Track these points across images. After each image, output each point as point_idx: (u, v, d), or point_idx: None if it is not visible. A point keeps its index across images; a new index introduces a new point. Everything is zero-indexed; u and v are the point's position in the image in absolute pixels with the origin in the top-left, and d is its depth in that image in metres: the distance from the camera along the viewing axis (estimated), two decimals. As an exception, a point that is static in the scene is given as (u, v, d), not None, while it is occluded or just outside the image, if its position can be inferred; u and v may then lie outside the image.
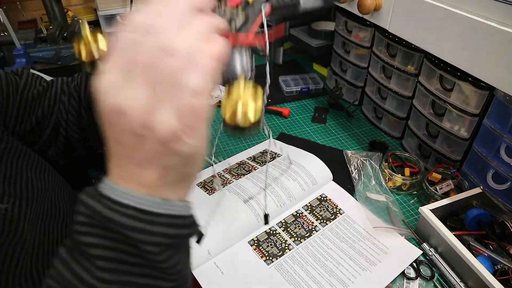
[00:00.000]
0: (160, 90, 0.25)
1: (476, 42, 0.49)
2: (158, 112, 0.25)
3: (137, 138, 0.26)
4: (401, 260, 0.63)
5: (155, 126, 0.25)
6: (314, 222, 0.69)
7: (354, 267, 0.62)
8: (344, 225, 0.69)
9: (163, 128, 0.25)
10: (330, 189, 0.77)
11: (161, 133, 0.25)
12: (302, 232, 0.68)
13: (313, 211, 0.72)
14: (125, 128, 0.26)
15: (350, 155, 0.85)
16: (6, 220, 0.42)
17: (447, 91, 0.73)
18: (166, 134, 0.25)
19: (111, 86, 0.26)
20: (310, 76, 1.19)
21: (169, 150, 0.26)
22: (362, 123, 1.01)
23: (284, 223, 0.69)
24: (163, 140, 0.25)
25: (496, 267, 0.58)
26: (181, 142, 0.26)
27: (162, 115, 0.25)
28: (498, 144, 0.65)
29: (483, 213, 0.63)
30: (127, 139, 0.26)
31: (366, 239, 0.66)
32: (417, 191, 0.78)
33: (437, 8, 0.54)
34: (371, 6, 0.65)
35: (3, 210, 0.42)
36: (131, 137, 0.26)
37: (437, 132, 0.79)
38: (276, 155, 0.84)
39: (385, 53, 0.89)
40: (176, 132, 0.25)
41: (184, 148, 0.26)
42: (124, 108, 0.25)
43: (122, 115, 0.25)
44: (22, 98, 0.55)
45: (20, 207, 0.44)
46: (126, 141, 0.26)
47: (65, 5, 1.22)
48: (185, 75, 0.25)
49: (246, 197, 0.69)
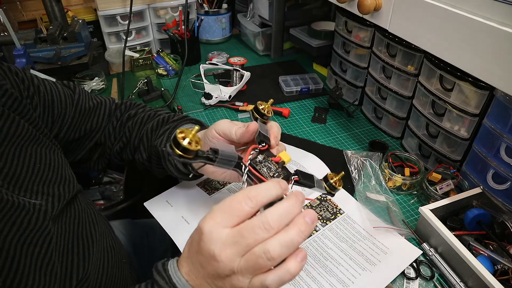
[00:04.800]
0: (249, 268, 0.34)
1: (476, 42, 0.49)
2: (240, 276, 0.35)
3: (216, 276, 0.36)
4: (401, 260, 0.63)
5: (232, 281, 0.35)
6: None
7: (354, 267, 0.62)
8: (344, 225, 0.69)
9: (238, 285, 0.35)
10: None
11: (235, 286, 0.35)
12: None
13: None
14: (211, 265, 0.35)
15: (350, 155, 0.85)
16: (40, 214, 0.46)
17: (447, 91, 0.73)
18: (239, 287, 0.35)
19: (219, 236, 0.35)
20: (310, 76, 1.19)
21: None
22: (362, 123, 1.01)
23: None
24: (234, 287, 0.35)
25: (496, 267, 0.58)
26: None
27: (240, 280, 0.35)
28: (498, 144, 0.65)
29: (483, 213, 0.63)
30: (208, 270, 0.36)
31: (366, 239, 0.66)
32: (417, 191, 0.78)
33: (437, 8, 0.54)
34: (371, 6, 0.65)
35: (38, 205, 0.46)
36: (211, 272, 0.36)
37: (437, 132, 0.79)
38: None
39: (385, 53, 0.89)
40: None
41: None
42: (219, 259, 0.34)
43: (214, 261, 0.35)
44: (77, 109, 0.62)
45: (52, 204, 0.49)
46: (207, 270, 0.36)
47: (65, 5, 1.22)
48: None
49: None
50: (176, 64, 1.23)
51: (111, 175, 1.35)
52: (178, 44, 1.25)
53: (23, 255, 0.42)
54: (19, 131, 0.49)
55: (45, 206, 0.47)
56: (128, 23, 1.15)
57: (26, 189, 0.46)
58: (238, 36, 1.53)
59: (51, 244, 0.46)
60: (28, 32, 1.16)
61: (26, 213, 0.44)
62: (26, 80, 0.54)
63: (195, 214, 0.67)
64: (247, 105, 1.05)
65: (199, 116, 1.03)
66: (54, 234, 0.47)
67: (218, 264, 0.34)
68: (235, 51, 1.42)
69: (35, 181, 0.48)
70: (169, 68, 1.22)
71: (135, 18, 1.26)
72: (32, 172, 0.48)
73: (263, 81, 1.21)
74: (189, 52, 1.20)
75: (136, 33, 1.30)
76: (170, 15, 1.26)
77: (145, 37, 1.32)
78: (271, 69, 1.29)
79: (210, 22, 1.42)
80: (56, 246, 0.47)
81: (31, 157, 0.49)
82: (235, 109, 1.05)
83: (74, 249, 0.50)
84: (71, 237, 0.51)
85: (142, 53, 1.25)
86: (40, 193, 0.48)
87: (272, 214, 0.35)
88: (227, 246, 0.34)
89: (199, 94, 1.12)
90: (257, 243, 0.34)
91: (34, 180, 0.48)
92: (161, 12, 1.30)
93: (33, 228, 0.44)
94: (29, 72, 0.57)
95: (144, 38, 1.32)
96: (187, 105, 1.08)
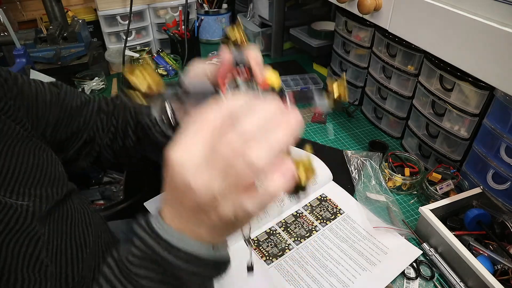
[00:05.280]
0: (231, 188, 0.29)
1: (476, 42, 0.49)
2: (222, 201, 0.29)
3: (198, 209, 0.31)
4: (401, 260, 0.63)
5: (217, 210, 0.30)
6: (314, 222, 0.69)
7: (354, 267, 0.62)
8: (344, 225, 0.69)
9: (224, 214, 0.30)
10: (330, 189, 0.77)
11: (222, 216, 0.30)
12: (302, 232, 0.68)
13: (313, 211, 0.72)
14: (189, 199, 0.30)
15: (350, 155, 0.85)
16: (28, 214, 0.45)
17: (447, 91, 0.73)
18: (226, 217, 0.30)
19: (191, 163, 0.29)
20: (310, 76, 1.19)
21: (225, 224, 0.31)
22: (362, 123, 1.01)
23: (284, 223, 0.69)
24: (221, 219, 0.30)
25: (496, 267, 0.58)
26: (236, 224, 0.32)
27: (225, 206, 0.29)
28: (498, 144, 0.65)
29: (483, 213, 0.63)
30: (188, 205, 0.31)
31: (366, 239, 0.66)
32: (417, 191, 0.78)
33: (437, 8, 0.54)
34: (371, 6, 0.65)
35: (25, 206, 0.45)
36: (192, 206, 0.31)
37: (437, 132, 0.79)
38: None
39: (385, 53, 0.89)
40: (234, 220, 0.30)
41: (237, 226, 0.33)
42: (195, 187, 0.29)
43: (191, 191, 0.29)
44: (62, 109, 0.60)
45: (40, 205, 0.48)
46: (187, 205, 0.31)
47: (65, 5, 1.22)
48: (258, 182, 0.30)
49: None
50: (176, 64, 1.23)
51: (111, 175, 1.35)
52: (178, 44, 1.25)
53: (9, 254, 0.41)
54: (5, 130, 0.48)
55: (32, 207, 0.46)
56: (128, 23, 1.15)
57: (12, 191, 0.45)
58: (238, 36, 1.53)
59: (39, 244, 0.45)
60: (28, 32, 1.16)
61: (14, 213, 0.43)
62: (10, 80, 0.53)
63: None
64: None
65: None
66: (43, 234, 0.46)
67: (195, 193, 0.29)
68: (235, 51, 1.42)
69: (21, 183, 0.47)
70: (169, 68, 1.22)
71: (135, 18, 1.26)
72: (18, 173, 0.47)
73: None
74: (189, 52, 1.20)
75: (136, 33, 1.30)
76: (170, 15, 1.26)
77: (145, 37, 1.32)
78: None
79: (210, 22, 1.42)
80: (45, 245, 0.46)
81: (18, 157, 0.48)
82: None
83: (68, 249, 0.50)
84: (63, 237, 0.50)
85: (142, 53, 1.25)
86: (27, 195, 0.47)
87: (251, 121, 0.29)
88: (202, 170, 0.29)
89: (199, 94, 1.13)
90: (236, 157, 0.28)
91: (20, 181, 0.47)
92: (161, 12, 1.30)
93: (20, 228, 0.43)
94: (13, 72, 0.56)
95: (144, 38, 1.32)
96: (187, 105, 1.08)
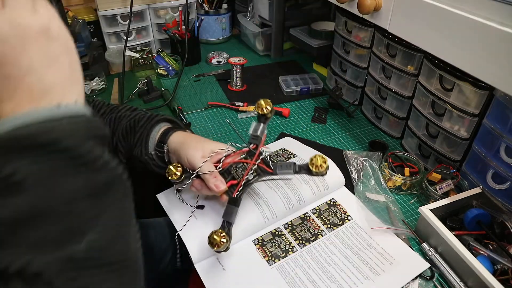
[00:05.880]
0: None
1: (476, 42, 0.49)
2: None
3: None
4: (406, 272, 0.61)
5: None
6: (321, 227, 0.68)
7: (357, 275, 0.60)
8: (351, 231, 0.68)
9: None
10: (340, 194, 0.75)
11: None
12: (308, 235, 0.66)
13: (321, 215, 0.70)
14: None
15: (350, 155, 0.85)
16: None
17: (447, 91, 0.73)
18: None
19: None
20: (310, 76, 1.19)
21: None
22: (362, 123, 1.01)
23: (291, 225, 0.68)
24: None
25: (496, 267, 0.58)
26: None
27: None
28: (498, 144, 0.65)
29: (482, 213, 0.63)
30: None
31: (372, 248, 0.65)
32: (417, 191, 0.78)
33: (437, 8, 0.54)
34: (371, 6, 0.65)
35: None
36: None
37: (437, 132, 0.79)
38: (292, 155, 0.83)
39: (385, 53, 0.89)
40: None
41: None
42: None
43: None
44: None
45: None
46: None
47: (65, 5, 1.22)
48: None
49: (256, 197, 0.69)
50: (176, 64, 1.23)
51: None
52: (178, 44, 1.25)
53: None
54: None
55: None
56: (128, 23, 1.15)
57: None
58: (238, 36, 1.53)
59: None
60: (28, 32, 1.16)
61: None
62: None
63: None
64: (247, 105, 1.05)
65: (199, 117, 1.03)
66: None
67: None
68: (235, 51, 1.42)
69: None
70: (169, 68, 1.22)
71: (135, 18, 1.26)
72: None
73: (263, 81, 1.21)
74: (189, 52, 1.20)
75: (136, 33, 1.30)
76: (170, 15, 1.26)
77: (145, 37, 1.32)
78: (271, 69, 1.29)
79: (210, 22, 1.42)
80: None
81: None
82: (235, 109, 1.05)
83: None
84: None
85: (142, 53, 1.25)
86: None
87: None
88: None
89: (199, 94, 1.12)
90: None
91: None
92: (161, 12, 1.30)
93: None
94: None
95: (144, 38, 1.32)
96: (187, 105, 1.08)
